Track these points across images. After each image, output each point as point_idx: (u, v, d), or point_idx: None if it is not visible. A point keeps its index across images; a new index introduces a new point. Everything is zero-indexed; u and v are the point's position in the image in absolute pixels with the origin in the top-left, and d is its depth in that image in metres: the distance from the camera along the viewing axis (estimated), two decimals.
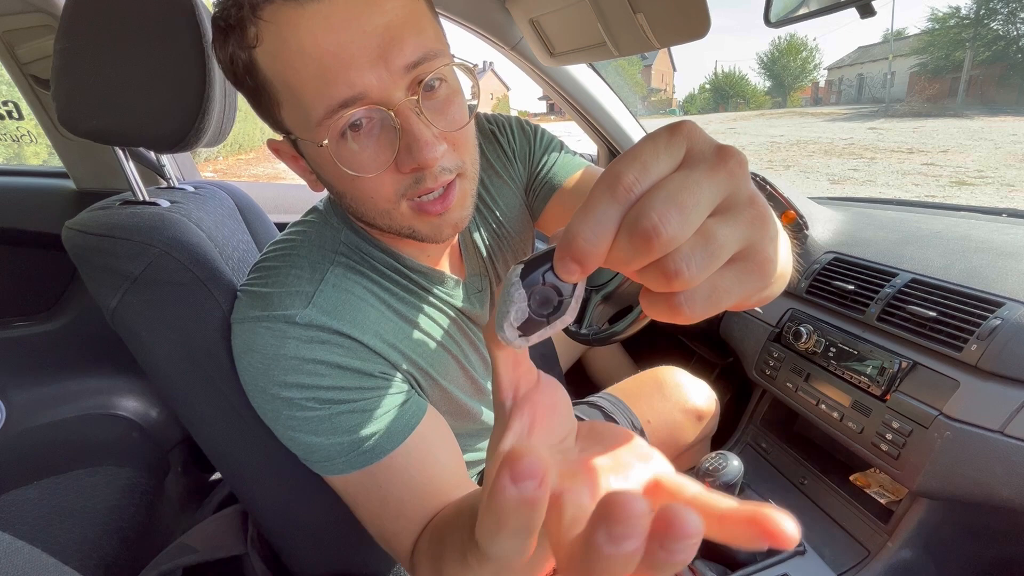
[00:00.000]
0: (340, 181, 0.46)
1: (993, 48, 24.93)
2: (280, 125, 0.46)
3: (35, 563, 0.33)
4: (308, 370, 0.48)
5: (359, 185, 0.45)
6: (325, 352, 0.48)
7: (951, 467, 0.69)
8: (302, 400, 0.48)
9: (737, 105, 43.98)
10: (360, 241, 0.55)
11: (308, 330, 0.48)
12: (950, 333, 0.74)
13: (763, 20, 0.81)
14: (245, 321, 0.50)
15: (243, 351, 0.50)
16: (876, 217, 1.08)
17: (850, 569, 0.79)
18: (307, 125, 0.43)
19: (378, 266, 0.54)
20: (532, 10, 1.08)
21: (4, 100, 1.50)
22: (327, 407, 0.48)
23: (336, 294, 0.50)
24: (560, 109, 1.48)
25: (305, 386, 0.47)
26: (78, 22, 0.54)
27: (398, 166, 0.44)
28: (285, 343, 0.47)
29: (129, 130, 0.57)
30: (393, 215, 0.47)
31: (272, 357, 0.48)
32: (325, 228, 0.55)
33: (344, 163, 0.43)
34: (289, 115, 0.44)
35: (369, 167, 0.44)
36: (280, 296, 0.49)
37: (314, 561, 0.63)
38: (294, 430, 0.49)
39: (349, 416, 0.48)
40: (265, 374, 0.48)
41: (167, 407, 1.25)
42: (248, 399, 0.52)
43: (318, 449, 0.49)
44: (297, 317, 0.48)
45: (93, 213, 0.57)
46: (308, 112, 0.42)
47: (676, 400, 0.92)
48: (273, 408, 0.49)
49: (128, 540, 0.90)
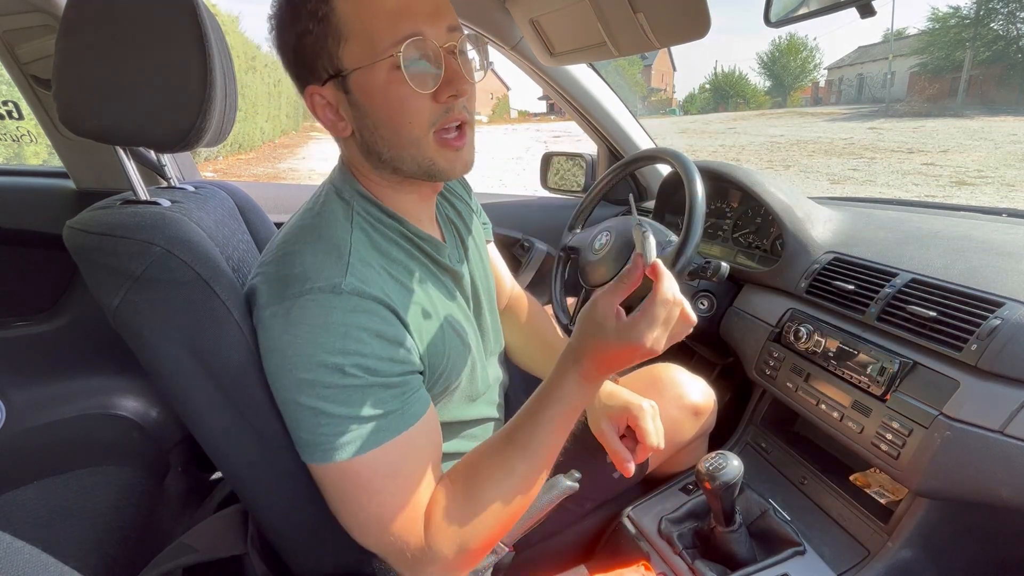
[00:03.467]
0: (386, 105, 0.55)
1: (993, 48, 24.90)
2: (335, 65, 0.54)
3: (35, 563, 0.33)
4: (355, 336, 0.51)
5: (405, 107, 0.55)
6: (367, 320, 0.53)
7: (951, 467, 0.69)
8: (348, 366, 0.51)
9: (737, 105, 43.96)
10: (371, 207, 0.61)
11: (351, 299, 0.52)
12: (950, 333, 0.74)
13: (763, 20, 0.81)
14: (283, 300, 0.53)
15: (283, 330, 0.52)
16: (876, 217, 1.08)
17: (850, 569, 0.79)
18: (372, 53, 0.53)
19: (387, 232, 0.61)
20: (532, 10, 1.08)
21: (4, 100, 1.50)
22: (366, 376, 0.52)
23: (363, 266, 0.56)
24: (560, 109, 1.48)
25: (352, 352, 0.51)
26: (79, 22, 0.54)
27: (436, 96, 0.55)
28: (331, 312, 0.51)
29: (130, 130, 0.57)
30: (422, 144, 0.57)
31: (321, 326, 0.51)
32: (337, 204, 0.61)
33: (402, 83, 0.53)
34: (352, 50, 0.53)
35: (419, 87, 0.54)
36: (316, 271, 0.53)
37: (314, 560, 0.63)
38: (330, 401, 0.51)
39: (382, 391, 0.53)
40: (313, 343, 0.51)
41: (167, 407, 1.25)
42: (272, 382, 0.54)
43: (343, 425, 0.51)
44: (343, 285, 0.53)
45: (94, 212, 0.57)
46: (376, 42, 0.52)
47: (673, 396, 0.92)
48: (314, 378, 0.51)
49: (128, 540, 0.90)
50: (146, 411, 1.25)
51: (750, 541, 0.83)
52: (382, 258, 0.59)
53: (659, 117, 39.44)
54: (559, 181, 1.63)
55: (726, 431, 1.09)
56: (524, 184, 8.26)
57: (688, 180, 0.87)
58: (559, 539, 0.89)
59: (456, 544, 0.54)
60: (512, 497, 0.55)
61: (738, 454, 0.89)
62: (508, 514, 0.56)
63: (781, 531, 0.84)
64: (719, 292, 1.15)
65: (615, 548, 0.91)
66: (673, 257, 0.84)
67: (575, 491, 0.68)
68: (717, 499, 0.76)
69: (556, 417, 0.55)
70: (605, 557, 0.93)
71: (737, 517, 0.80)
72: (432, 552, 0.54)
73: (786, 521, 0.85)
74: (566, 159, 1.60)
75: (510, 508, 0.56)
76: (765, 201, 1.10)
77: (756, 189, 1.12)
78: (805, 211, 1.08)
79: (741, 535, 0.81)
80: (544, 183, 1.67)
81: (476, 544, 0.55)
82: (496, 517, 0.55)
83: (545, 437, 0.55)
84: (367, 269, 0.56)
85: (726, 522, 0.80)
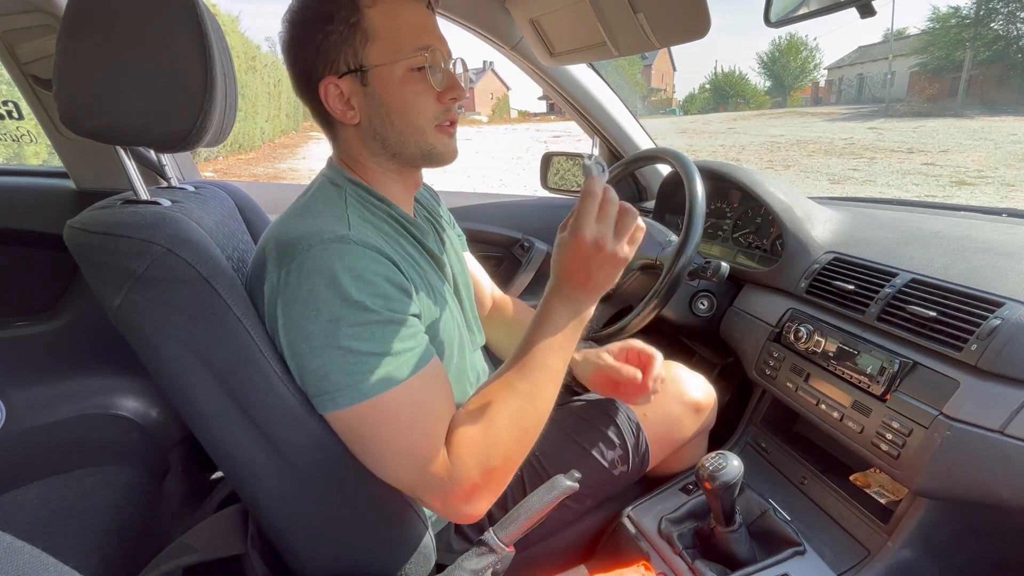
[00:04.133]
0: (401, 98, 0.64)
1: (993, 48, 24.89)
2: (358, 61, 0.62)
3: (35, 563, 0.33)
4: (368, 278, 0.56)
5: (417, 101, 0.64)
6: (378, 266, 0.57)
7: (951, 467, 0.69)
8: (369, 301, 0.55)
9: (737, 105, 43.94)
10: (361, 191, 0.67)
11: (359, 248, 0.57)
12: (950, 333, 0.74)
13: (763, 20, 0.81)
14: (294, 259, 0.56)
15: (300, 283, 0.55)
16: (876, 217, 1.08)
17: (850, 569, 0.79)
18: (396, 54, 0.62)
19: (378, 211, 0.67)
20: (532, 10, 1.08)
21: (4, 100, 1.50)
22: (386, 312, 0.56)
23: (363, 228, 0.61)
24: (560, 109, 1.48)
25: (369, 290, 0.55)
26: (80, 21, 0.54)
27: (440, 98, 0.65)
28: (343, 257, 0.56)
29: (131, 129, 0.57)
30: (426, 133, 0.66)
31: (337, 270, 0.55)
32: (330, 188, 0.67)
33: (417, 81, 0.64)
34: (378, 49, 0.62)
35: (430, 89, 0.65)
36: (320, 229, 0.57)
37: (315, 560, 0.63)
38: (357, 339, 0.55)
39: (401, 328, 0.57)
40: (333, 284, 0.54)
41: (167, 407, 1.25)
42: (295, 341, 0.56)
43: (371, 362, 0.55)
44: (349, 236, 0.57)
45: (95, 212, 0.57)
46: (402, 46, 0.62)
47: (673, 393, 0.92)
48: (340, 316, 0.54)
49: (128, 540, 0.90)
50: (146, 411, 1.25)
51: (750, 541, 0.83)
52: (377, 230, 0.64)
53: (659, 117, 39.43)
54: (559, 181, 1.63)
55: (726, 431, 1.09)
56: (524, 184, 8.27)
57: (688, 180, 0.87)
58: (559, 539, 0.89)
59: (478, 464, 0.58)
60: (523, 416, 0.61)
61: (738, 454, 0.89)
62: (522, 433, 0.61)
63: (781, 531, 0.84)
64: (719, 292, 1.15)
65: (615, 548, 0.91)
66: (673, 257, 0.84)
67: (575, 491, 0.68)
68: (717, 499, 0.77)
69: (551, 333, 0.61)
70: (605, 557, 0.93)
71: (737, 517, 0.80)
72: (458, 476, 0.57)
73: (786, 521, 0.85)
74: (566, 159, 1.60)
75: (523, 427, 0.61)
76: (765, 201, 1.10)
77: (756, 189, 1.12)
78: (805, 211, 1.08)
79: (741, 535, 0.81)
80: (544, 183, 1.67)
81: (497, 462, 0.59)
82: (511, 436, 0.60)
83: (544, 359, 0.61)
84: (367, 230, 0.61)
85: (726, 522, 0.80)
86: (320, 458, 0.58)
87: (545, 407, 0.63)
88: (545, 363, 0.61)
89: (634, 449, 0.87)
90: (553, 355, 0.62)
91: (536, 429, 0.63)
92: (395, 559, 0.65)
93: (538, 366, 0.61)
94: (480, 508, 0.60)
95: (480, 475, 0.58)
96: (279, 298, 0.57)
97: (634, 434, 0.88)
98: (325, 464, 0.59)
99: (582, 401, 0.93)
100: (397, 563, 0.65)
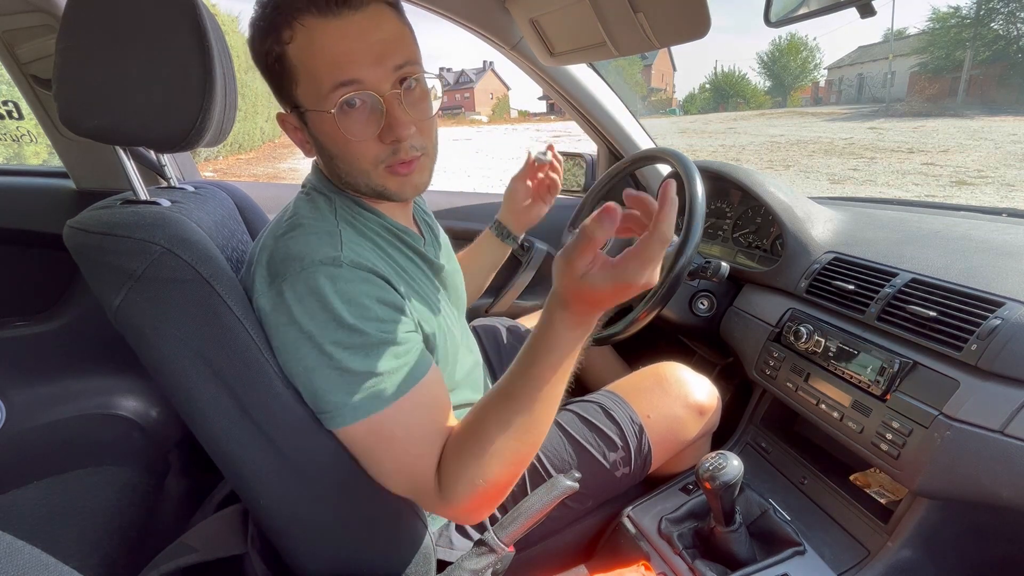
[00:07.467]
0: (336, 144, 0.60)
1: (993, 48, 24.89)
2: (293, 101, 0.60)
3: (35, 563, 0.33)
4: (361, 302, 0.55)
5: (351, 148, 0.59)
6: (369, 288, 0.57)
7: (951, 467, 0.69)
8: (362, 324, 0.55)
9: (737, 105, 43.96)
10: (351, 203, 0.65)
11: (351, 270, 0.56)
12: (950, 333, 0.74)
13: (763, 20, 0.81)
14: (285, 279, 0.55)
15: (293, 304, 0.55)
16: (876, 217, 1.08)
17: (850, 569, 0.79)
18: (318, 97, 0.57)
19: (369, 224, 0.66)
20: (532, 10, 1.08)
21: (4, 100, 1.50)
22: (379, 333, 0.56)
23: (356, 245, 0.60)
24: (560, 109, 1.48)
25: (362, 314, 0.55)
26: (80, 21, 0.54)
27: (380, 138, 0.59)
28: (335, 280, 0.55)
29: (131, 129, 0.57)
30: (372, 175, 0.61)
31: (329, 294, 0.54)
32: (319, 198, 0.65)
33: (343, 128, 0.58)
34: (304, 91, 0.58)
35: (360, 134, 0.59)
36: (312, 250, 0.57)
37: (315, 561, 0.63)
38: (352, 359, 0.54)
39: (395, 347, 0.57)
40: (326, 308, 0.54)
41: (167, 407, 1.25)
42: (290, 360, 0.56)
43: (365, 382, 0.55)
44: (341, 258, 0.56)
45: (94, 212, 0.57)
46: (320, 87, 0.56)
47: (677, 395, 0.92)
48: (336, 339, 0.54)
49: (128, 540, 0.90)
50: (146, 411, 1.25)
51: (750, 541, 0.83)
52: (370, 243, 0.63)
53: (659, 117, 39.43)
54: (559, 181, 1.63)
55: (726, 431, 1.09)
56: None
57: (688, 180, 0.87)
58: (559, 539, 0.89)
59: (468, 491, 0.57)
60: (515, 447, 0.57)
61: (738, 454, 0.89)
62: (514, 462, 0.58)
63: (781, 531, 0.84)
64: (719, 292, 1.16)
65: (615, 548, 0.91)
66: (673, 257, 0.84)
67: (575, 491, 0.68)
68: (717, 499, 0.77)
69: (550, 366, 0.53)
70: (605, 557, 0.93)
71: (737, 517, 0.80)
72: (448, 498, 0.58)
73: (786, 521, 0.85)
74: (566, 159, 1.60)
75: (515, 457, 0.58)
76: (765, 201, 1.10)
77: (756, 189, 1.12)
78: (805, 211, 1.08)
79: (741, 535, 0.81)
80: None
81: (489, 489, 0.58)
82: (501, 464, 0.57)
83: (540, 387, 0.54)
84: (360, 248, 0.60)
85: (726, 522, 0.80)
86: (320, 458, 0.58)
87: (541, 434, 0.58)
88: (545, 391, 0.55)
89: (636, 451, 0.87)
90: (557, 381, 0.55)
91: (529, 457, 0.60)
92: (395, 559, 0.65)
93: (538, 395, 0.55)
94: (476, 519, 0.62)
95: (470, 500, 0.58)
96: (269, 316, 0.57)
97: (637, 436, 0.88)
98: (325, 464, 0.59)
99: (585, 402, 0.93)
100: (397, 563, 0.65)
